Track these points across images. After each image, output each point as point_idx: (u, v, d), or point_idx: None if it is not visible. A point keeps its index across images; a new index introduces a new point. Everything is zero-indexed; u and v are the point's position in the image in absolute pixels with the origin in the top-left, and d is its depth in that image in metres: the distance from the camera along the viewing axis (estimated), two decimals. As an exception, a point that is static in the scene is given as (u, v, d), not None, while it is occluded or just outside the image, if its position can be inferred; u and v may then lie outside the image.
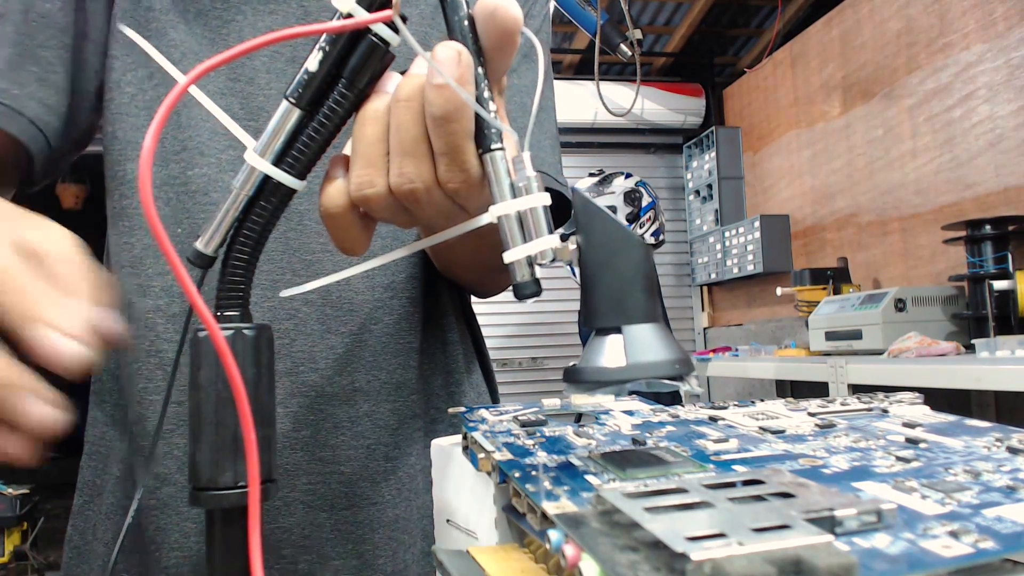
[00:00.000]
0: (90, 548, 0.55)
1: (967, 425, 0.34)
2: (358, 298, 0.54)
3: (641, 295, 0.29)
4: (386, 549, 0.54)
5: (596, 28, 2.34)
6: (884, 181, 2.34)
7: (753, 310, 3.17)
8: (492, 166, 0.32)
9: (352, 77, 0.31)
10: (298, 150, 0.32)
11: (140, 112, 0.55)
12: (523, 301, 0.32)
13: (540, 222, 0.30)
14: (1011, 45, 1.88)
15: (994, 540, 0.20)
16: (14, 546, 2.59)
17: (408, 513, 0.55)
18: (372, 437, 0.54)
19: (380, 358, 0.55)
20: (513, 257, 0.31)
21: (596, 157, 3.41)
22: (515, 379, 3.35)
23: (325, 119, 0.32)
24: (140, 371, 0.52)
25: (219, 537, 0.30)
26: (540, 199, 0.31)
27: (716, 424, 0.36)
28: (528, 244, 0.30)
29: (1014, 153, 1.88)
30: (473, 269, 0.60)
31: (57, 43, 0.54)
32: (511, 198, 0.31)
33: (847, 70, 2.51)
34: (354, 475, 0.53)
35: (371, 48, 0.31)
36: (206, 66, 0.26)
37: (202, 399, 0.30)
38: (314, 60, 0.31)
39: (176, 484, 0.51)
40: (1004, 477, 0.26)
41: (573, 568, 0.20)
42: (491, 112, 0.31)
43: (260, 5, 0.55)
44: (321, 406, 0.53)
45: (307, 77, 0.31)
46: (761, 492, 0.23)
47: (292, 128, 0.32)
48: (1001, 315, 1.66)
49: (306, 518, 0.52)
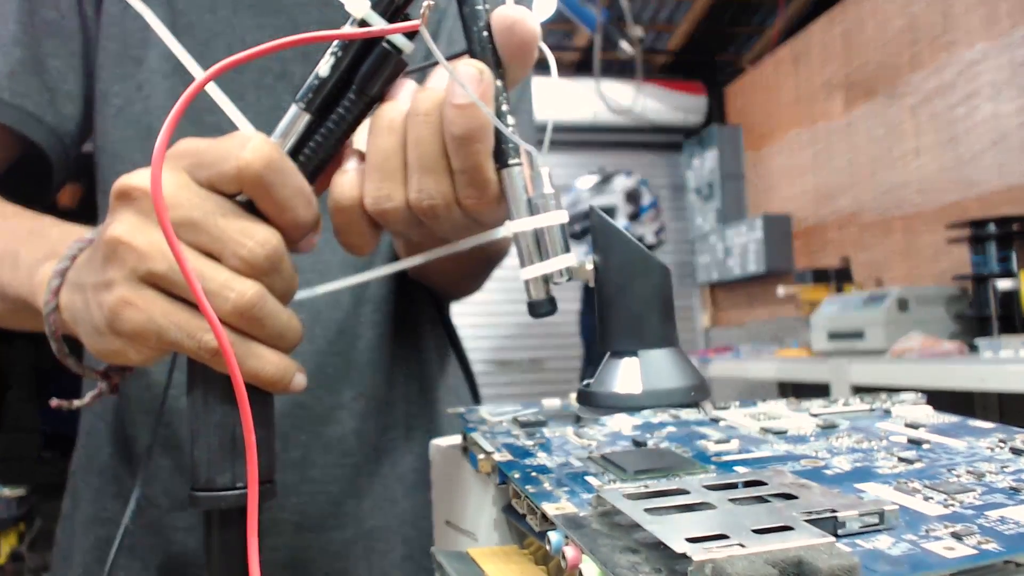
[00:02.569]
0: (72, 557, 0.56)
1: (970, 426, 0.34)
2: (343, 314, 0.54)
3: (658, 319, 0.28)
4: (363, 559, 0.54)
5: (597, 25, 2.34)
6: (887, 180, 2.33)
7: (755, 310, 3.17)
8: (510, 181, 0.31)
9: (363, 84, 0.31)
10: (305, 155, 0.32)
11: (128, 125, 0.54)
12: (537, 318, 0.31)
13: (557, 240, 0.30)
14: (1015, 43, 1.87)
15: (997, 542, 0.20)
16: (11, 548, 2.59)
17: (386, 522, 0.56)
18: (358, 454, 0.54)
19: (364, 374, 0.55)
20: (529, 275, 0.31)
21: (596, 156, 3.40)
22: (515, 379, 3.34)
23: (334, 125, 0.31)
24: (128, 388, 0.52)
25: (217, 538, 0.30)
26: (558, 217, 0.30)
27: (717, 425, 0.36)
28: (545, 262, 0.30)
29: (1018, 151, 1.87)
30: (451, 275, 0.59)
31: (66, 51, 0.53)
32: (528, 215, 0.31)
33: (849, 68, 2.50)
34: (341, 493, 0.54)
35: (384, 55, 0.31)
36: (224, 63, 0.26)
37: (201, 399, 0.30)
38: (325, 65, 0.31)
39: (161, 507, 0.51)
40: (1007, 478, 0.25)
41: (573, 569, 0.20)
42: (510, 127, 0.31)
43: (249, 20, 0.54)
44: (311, 426, 0.53)
45: (318, 82, 0.31)
46: (762, 493, 0.22)
47: (301, 132, 0.31)
48: (1005, 315, 1.65)
49: (294, 540, 0.52)
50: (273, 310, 0.30)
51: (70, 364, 0.37)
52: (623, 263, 0.28)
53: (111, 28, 0.54)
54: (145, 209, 0.30)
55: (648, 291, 0.28)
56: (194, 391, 0.30)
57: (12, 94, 0.50)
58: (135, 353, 0.31)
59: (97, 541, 0.54)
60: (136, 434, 0.53)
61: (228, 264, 0.29)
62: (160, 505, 0.51)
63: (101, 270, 0.30)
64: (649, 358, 0.28)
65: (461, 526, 0.35)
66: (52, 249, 0.38)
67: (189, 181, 0.30)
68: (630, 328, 0.28)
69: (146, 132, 0.53)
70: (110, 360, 0.32)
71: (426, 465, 0.43)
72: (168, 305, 0.29)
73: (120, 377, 0.37)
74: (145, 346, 0.30)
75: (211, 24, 0.54)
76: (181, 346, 0.29)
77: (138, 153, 0.53)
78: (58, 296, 0.34)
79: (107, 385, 0.37)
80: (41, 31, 0.52)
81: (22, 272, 0.39)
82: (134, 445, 0.53)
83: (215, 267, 0.29)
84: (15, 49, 0.51)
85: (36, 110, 0.51)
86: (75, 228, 0.41)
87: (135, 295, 0.29)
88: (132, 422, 0.53)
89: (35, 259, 0.39)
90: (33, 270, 0.38)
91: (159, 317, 0.29)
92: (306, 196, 0.31)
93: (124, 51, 0.54)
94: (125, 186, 0.30)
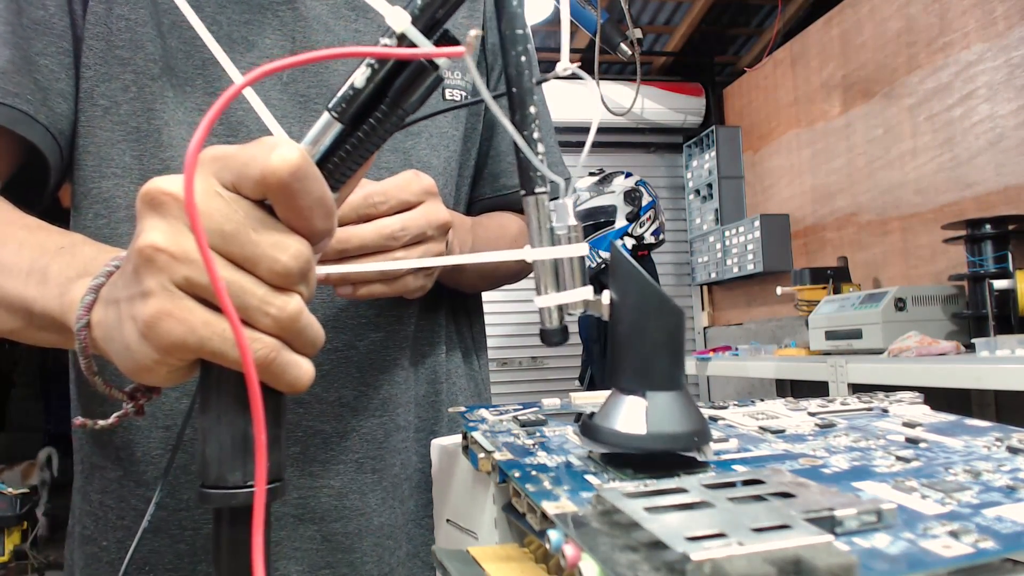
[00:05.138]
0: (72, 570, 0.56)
1: (967, 425, 0.34)
2: (344, 315, 0.55)
3: (668, 362, 0.28)
4: (372, 555, 0.54)
5: (596, 27, 2.34)
6: (884, 180, 2.34)
7: (753, 309, 3.17)
8: (535, 209, 0.31)
9: (397, 97, 0.31)
10: (334, 163, 0.31)
11: (115, 127, 0.53)
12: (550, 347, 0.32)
13: (576, 272, 0.30)
14: (1011, 44, 1.88)
15: (994, 540, 0.20)
16: (14, 545, 2.59)
17: (393, 520, 0.56)
18: (360, 451, 0.55)
19: (366, 374, 0.55)
20: (544, 303, 0.31)
21: (596, 156, 3.40)
22: (515, 379, 3.34)
23: (364, 135, 0.31)
24: None
25: (226, 536, 0.30)
26: (578, 250, 0.30)
27: (716, 424, 0.36)
28: (561, 293, 0.30)
29: (1014, 152, 1.88)
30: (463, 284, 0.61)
31: (56, 49, 0.53)
32: (549, 244, 0.31)
33: (847, 69, 2.51)
34: (343, 488, 0.54)
35: (420, 70, 0.30)
36: (264, 69, 0.26)
37: (215, 397, 0.30)
38: (361, 76, 0.31)
39: (168, 508, 0.51)
40: (1004, 477, 0.26)
41: (573, 568, 0.20)
42: (539, 155, 0.31)
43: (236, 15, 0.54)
44: (310, 422, 0.53)
45: (352, 93, 0.31)
46: (761, 492, 0.23)
47: (331, 141, 0.31)
48: (1001, 314, 1.65)
49: (296, 531, 0.52)
50: (309, 321, 0.30)
51: (97, 383, 0.36)
52: (639, 303, 0.29)
53: (96, 27, 0.53)
54: (177, 214, 0.29)
55: (661, 334, 0.28)
56: (207, 389, 0.30)
57: (4, 94, 0.50)
58: (167, 369, 0.30)
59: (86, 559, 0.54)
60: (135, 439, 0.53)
61: (263, 277, 0.29)
62: (167, 507, 0.51)
63: (135, 281, 0.29)
64: (656, 400, 0.28)
65: (462, 524, 0.35)
66: (85, 267, 0.37)
67: (217, 187, 0.29)
68: (640, 368, 0.28)
69: (134, 134, 0.53)
70: (139, 379, 0.31)
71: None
72: (208, 315, 0.28)
73: (147, 399, 0.36)
74: (182, 359, 0.29)
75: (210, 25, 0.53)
76: (225, 357, 0.28)
77: (127, 155, 0.53)
78: (90, 312, 0.33)
79: (132, 407, 0.35)
80: (30, 30, 0.52)
81: (52, 288, 0.38)
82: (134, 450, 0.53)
83: (252, 281, 0.28)
84: (4, 49, 0.50)
85: (29, 109, 0.50)
86: (109, 248, 0.41)
87: (173, 305, 0.28)
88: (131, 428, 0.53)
89: (67, 277, 0.38)
90: (65, 287, 0.37)
91: (200, 328, 0.28)
92: (327, 206, 0.30)
93: (109, 50, 0.53)
94: (155, 192, 0.29)
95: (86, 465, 0.56)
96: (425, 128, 0.59)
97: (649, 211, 2.71)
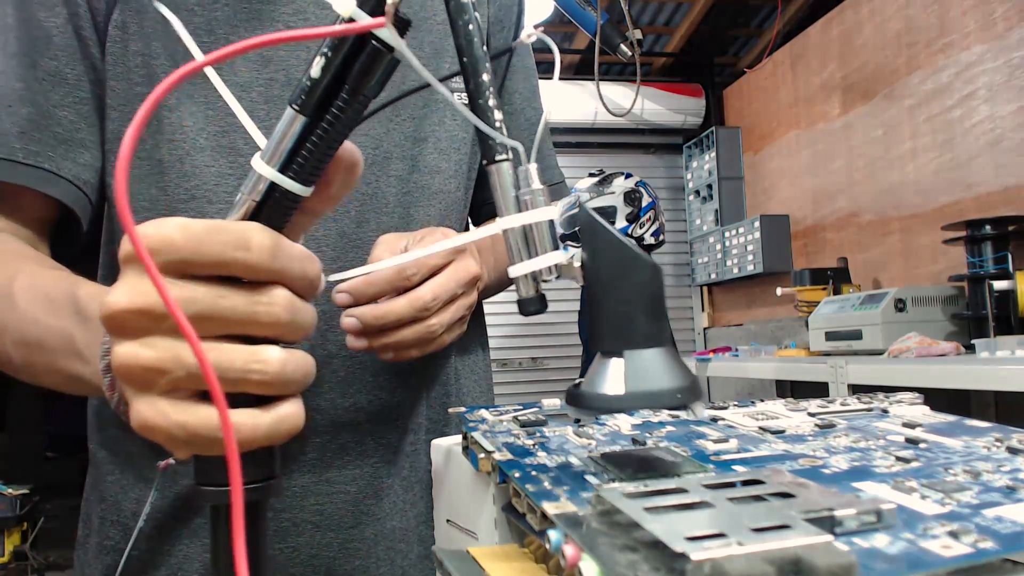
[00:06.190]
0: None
1: (967, 425, 0.34)
2: None
3: (647, 319, 0.28)
4: (386, 560, 0.55)
5: (596, 28, 2.34)
6: (884, 181, 2.34)
7: (753, 310, 3.17)
8: (498, 178, 0.31)
9: (355, 84, 0.31)
10: (303, 157, 0.31)
11: (141, 163, 0.53)
12: (527, 316, 0.31)
13: (545, 237, 0.30)
14: (1011, 45, 1.88)
15: (994, 540, 0.20)
16: (14, 546, 2.60)
17: (405, 523, 0.57)
18: (375, 456, 0.55)
19: (381, 379, 0.56)
20: (517, 272, 0.30)
21: (596, 157, 3.40)
22: (515, 379, 3.34)
23: (329, 126, 0.31)
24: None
25: (223, 533, 0.30)
26: (546, 213, 0.30)
27: (716, 424, 0.36)
28: (532, 260, 0.30)
29: (1014, 153, 1.88)
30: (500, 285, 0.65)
31: (73, 99, 0.53)
32: (516, 211, 0.31)
33: (847, 70, 2.51)
34: (359, 493, 0.54)
35: (374, 54, 0.30)
36: (226, 50, 0.25)
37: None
38: (316, 67, 0.31)
39: (202, 513, 0.52)
40: (1004, 477, 0.26)
41: (573, 568, 0.20)
42: (496, 124, 0.31)
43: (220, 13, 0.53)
44: (327, 429, 0.54)
45: (310, 84, 0.31)
46: (761, 492, 0.23)
47: (297, 135, 0.31)
48: (1001, 315, 1.65)
49: (314, 538, 0.53)
50: (297, 367, 0.30)
51: None
52: (610, 261, 0.28)
53: (116, 67, 0.53)
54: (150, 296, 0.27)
55: (635, 290, 0.28)
56: None
57: (26, 154, 0.50)
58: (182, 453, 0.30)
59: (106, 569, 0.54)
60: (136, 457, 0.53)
61: (256, 335, 0.29)
62: (199, 511, 0.52)
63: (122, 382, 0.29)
64: (634, 359, 0.27)
65: (462, 525, 0.35)
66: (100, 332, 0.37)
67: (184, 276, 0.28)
68: (618, 328, 0.28)
69: (158, 167, 0.53)
70: None
71: None
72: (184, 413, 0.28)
73: None
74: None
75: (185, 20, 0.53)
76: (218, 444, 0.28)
77: (153, 188, 0.53)
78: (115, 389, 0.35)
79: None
80: (46, 83, 0.52)
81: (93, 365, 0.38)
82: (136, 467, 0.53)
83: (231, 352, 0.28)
84: (22, 107, 0.51)
85: (52, 167, 0.51)
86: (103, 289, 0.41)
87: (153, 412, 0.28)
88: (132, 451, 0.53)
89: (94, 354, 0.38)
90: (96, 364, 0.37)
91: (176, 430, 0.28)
92: (306, 261, 0.30)
93: (130, 88, 0.53)
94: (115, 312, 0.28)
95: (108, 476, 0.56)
96: (432, 132, 0.59)
97: (649, 212, 2.71)
